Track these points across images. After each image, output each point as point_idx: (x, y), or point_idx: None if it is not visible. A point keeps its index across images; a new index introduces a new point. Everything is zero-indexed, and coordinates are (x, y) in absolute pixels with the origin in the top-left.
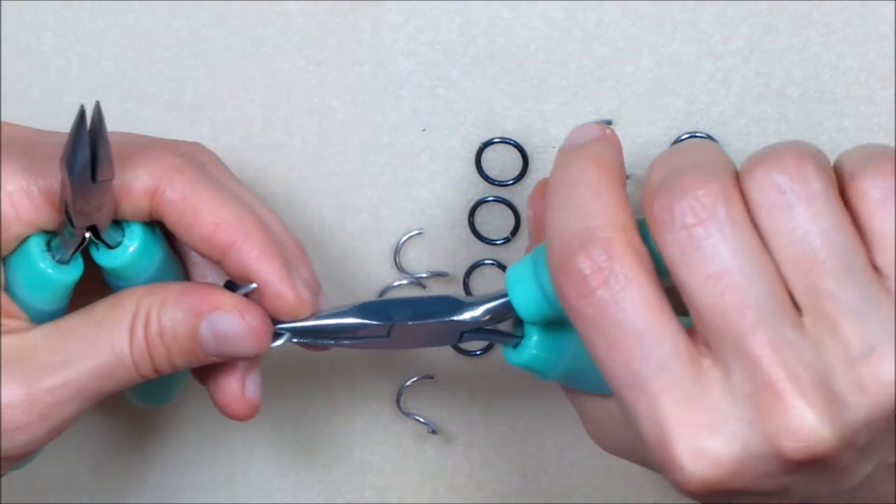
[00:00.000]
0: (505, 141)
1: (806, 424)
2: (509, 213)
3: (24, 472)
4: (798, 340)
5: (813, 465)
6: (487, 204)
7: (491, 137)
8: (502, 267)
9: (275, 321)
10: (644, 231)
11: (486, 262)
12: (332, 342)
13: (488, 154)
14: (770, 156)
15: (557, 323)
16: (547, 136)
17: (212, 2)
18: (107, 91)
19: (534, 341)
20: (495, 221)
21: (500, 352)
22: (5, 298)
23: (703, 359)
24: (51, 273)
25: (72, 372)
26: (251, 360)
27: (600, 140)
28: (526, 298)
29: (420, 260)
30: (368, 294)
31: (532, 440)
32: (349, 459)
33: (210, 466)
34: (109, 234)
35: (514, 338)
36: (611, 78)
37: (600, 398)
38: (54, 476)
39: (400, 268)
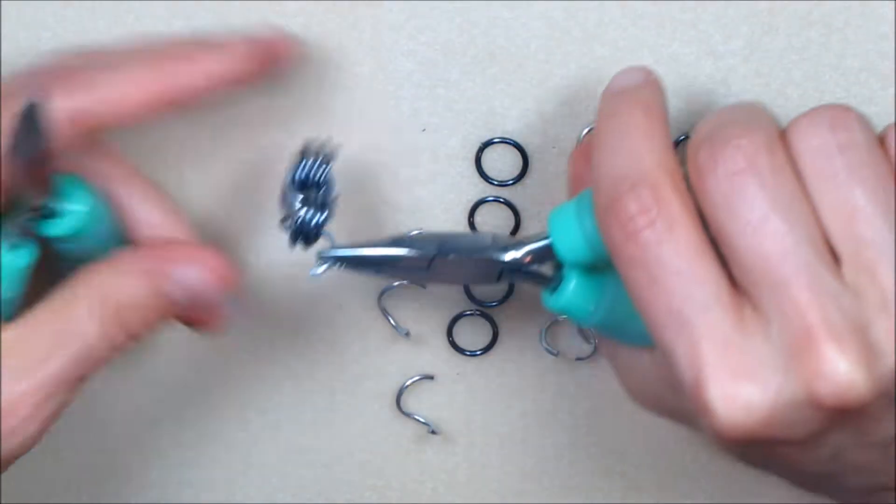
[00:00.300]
0: (505, 141)
1: (840, 371)
2: (509, 213)
3: (24, 472)
4: (836, 288)
5: (845, 413)
6: (487, 204)
7: (491, 137)
8: None
9: (320, 251)
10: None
11: None
12: (373, 271)
13: (488, 154)
14: (815, 110)
15: (597, 268)
16: (547, 136)
17: (212, 2)
18: None
19: (573, 285)
20: (495, 221)
21: (500, 352)
22: None
23: (745, 305)
24: (7, 259)
25: (48, 369)
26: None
27: (646, 85)
28: (568, 241)
29: None
30: (369, 293)
31: (532, 440)
32: (349, 459)
33: (210, 466)
34: (49, 203)
35: (553, 281)
36: (611, 78)
37: (637, 352)
38: (54, 476)
39: None
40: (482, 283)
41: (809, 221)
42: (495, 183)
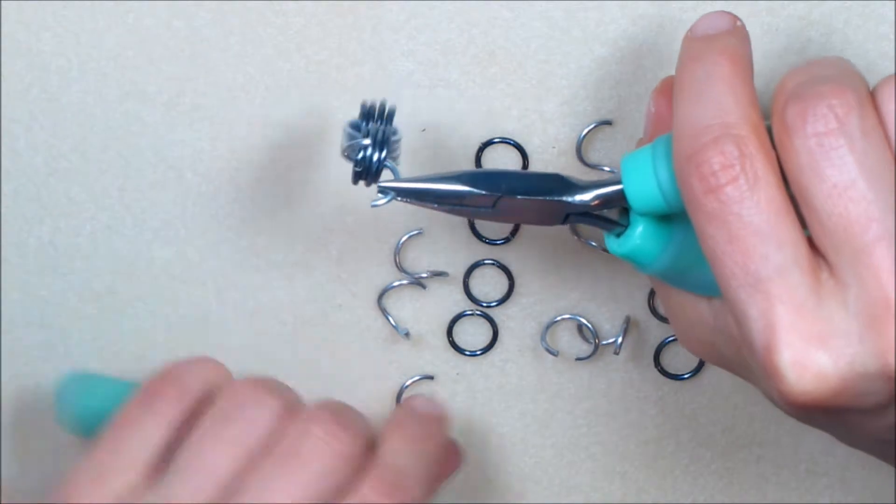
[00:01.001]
0: (505, 141)
1: None
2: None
3: (24, 472)
4: None
5: None
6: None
7: (491, 137)
8: (502, 267)
9: (381, 182)
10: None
11: (486, 262)
12: (436, 205)
13: (488, 154)
14: None
15: (665, 217)
16: (547, 136)
17: (212, 2)
18: (107, 91)
19: (639, 231)
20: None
21: (500, 352)
22: None
23: (823, 270)
24: None
25: None
26: None
27: (733, 33)
28: (641, 188)
29: (420, 260)
30: (369, 293)
31: (532, 440)
32: None
33: None
34: None
35: (619, 226)
36: (611, 78)
37: (694, 298)
38: (55, 476)
39: (400, 268)
40: (548, 224)
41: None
42: None
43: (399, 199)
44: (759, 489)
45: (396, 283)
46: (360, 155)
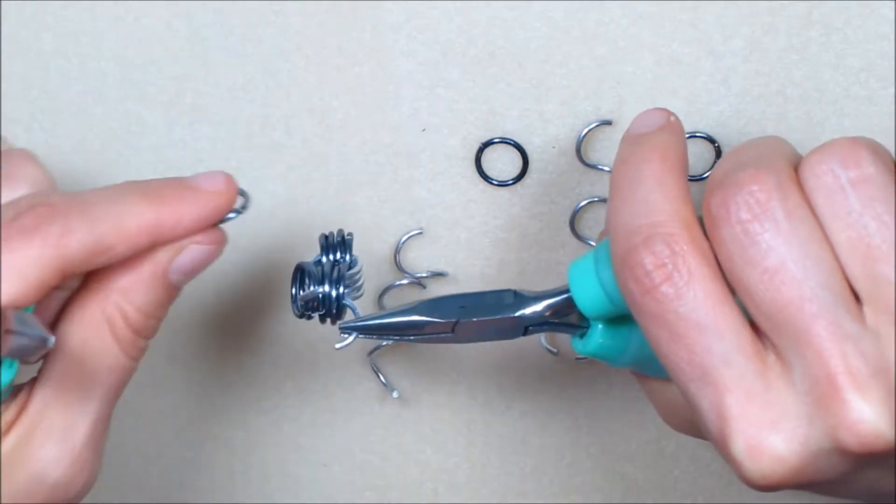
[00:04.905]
0: (505, 141)
1: (864, 418)
2: (508, 212)
3: None
4: (858, 332)
5: (873, 457)
6: (487, 201)
7: (491, 137)
8: None
9: (341, 323)
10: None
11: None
12: (398, 338)
13: (488, 154)
14: (826, 144)
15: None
16: (547, 136)
17: (212, 2)
18: (107, 91)
19: (599, 331)
20: (496, 222)
21: (500, 351)
22: None
23: (768, 353)
24: None
25: (92, 414)
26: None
27: (664, 129)
28: (587, 295)
29: (420, 260)
30: (369, 293)
31: (532, 440)
32: (349, 459)
33: (210, 466)
34: None
35: (580, 328)
36: (611, 78)
37: (668, 383)
38: None
39: (400, 267)
40: (509, 338)
41: (827, 264)
42: (495, 183)
43: (362, 336)
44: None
45: (397, 283)
46: (319, 300)
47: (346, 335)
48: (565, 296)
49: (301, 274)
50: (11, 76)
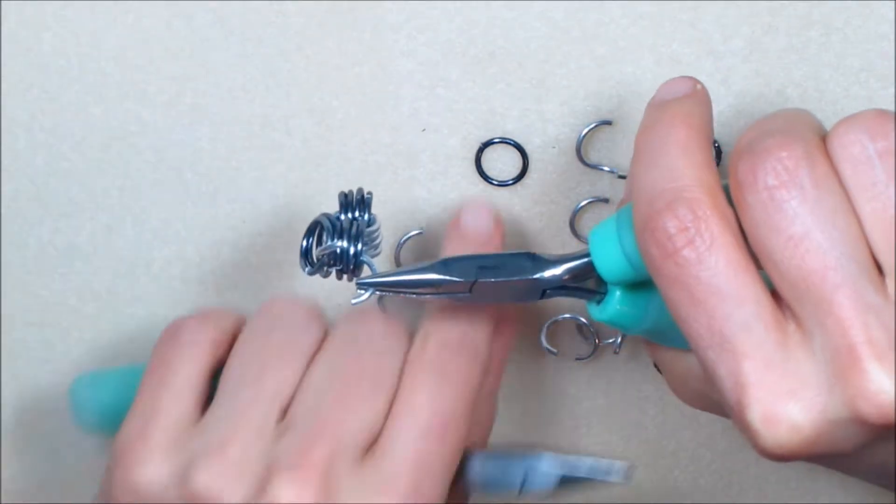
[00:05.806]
0: (505, 141)
1: (883, 389)
2: (509, 211)
3: (24, 472)
4: (879, 303)
5: (890, 429)
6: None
7: (491, 137)
8: None
9: (358, 278)
10: (729, 196)
11: None
12: (414, 295)
13: (488, 154)
14: (854, 116)
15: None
16: (547, 136)
17: (212, 2)
18: (107, 91)
19: (617, 297)
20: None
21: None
22: None
23: (788, 322)
24: None
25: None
26: None
27: (690, 97)
28: (608, 260)
29: (420, 260)
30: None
31: (532, 440)
32: None
33: None
34: None
35: (598, 294)
36: (611, 78)
37: (682, 353)
38: (54, 476)
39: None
40: (525, 300)
41: (852, 234)
42: (495, 183)
43: (378, 292)
44: (759, 489)
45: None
46: (336, 256)
47: (362, 291)
48: (585, 259)
49: (319, 228)
50: (11, 76)
